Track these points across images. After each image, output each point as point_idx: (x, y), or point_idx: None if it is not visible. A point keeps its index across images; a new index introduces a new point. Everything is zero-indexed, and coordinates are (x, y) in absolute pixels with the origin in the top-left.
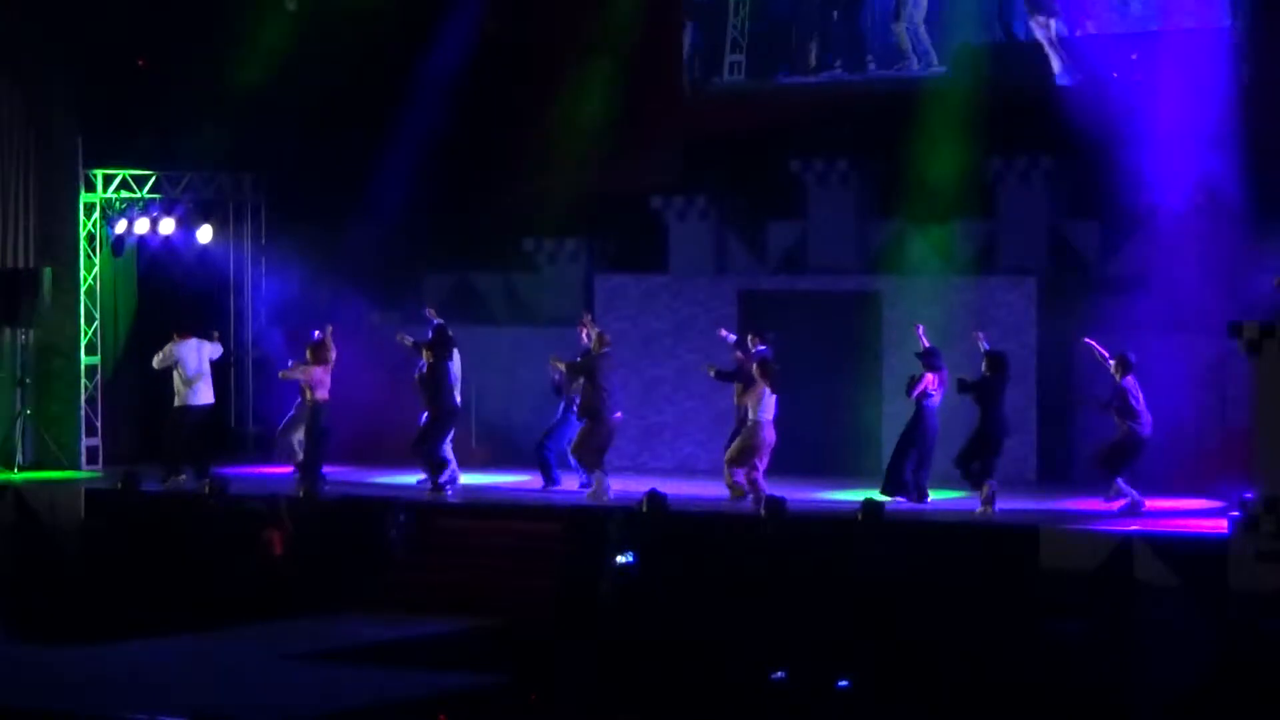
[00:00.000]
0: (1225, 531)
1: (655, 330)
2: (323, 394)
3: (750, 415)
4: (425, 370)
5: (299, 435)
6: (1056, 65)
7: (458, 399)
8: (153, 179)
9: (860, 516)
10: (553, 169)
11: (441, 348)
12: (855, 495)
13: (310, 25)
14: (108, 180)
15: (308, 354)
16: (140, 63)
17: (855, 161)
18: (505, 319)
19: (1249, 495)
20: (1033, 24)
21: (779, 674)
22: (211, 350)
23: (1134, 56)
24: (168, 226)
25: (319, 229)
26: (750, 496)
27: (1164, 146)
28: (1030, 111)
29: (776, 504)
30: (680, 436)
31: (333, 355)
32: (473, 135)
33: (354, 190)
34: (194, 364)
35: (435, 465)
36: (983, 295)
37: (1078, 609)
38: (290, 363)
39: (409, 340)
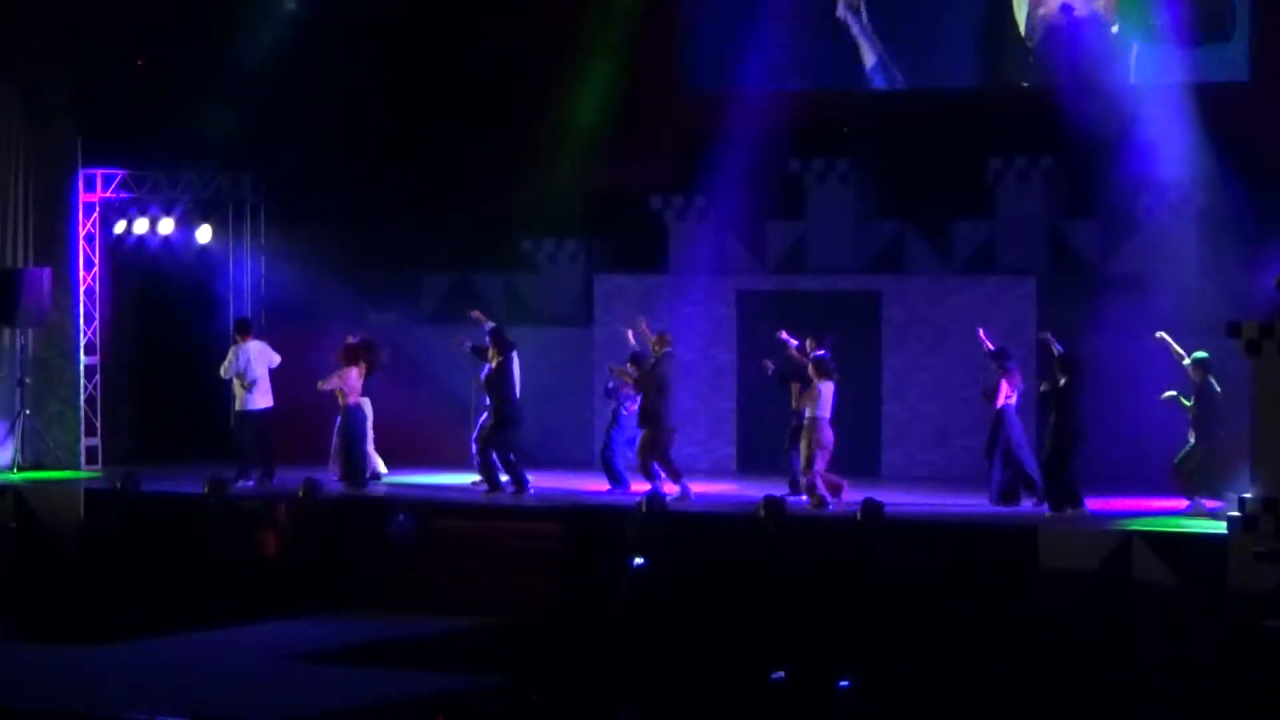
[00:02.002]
0: (1225, 531)
1: (655, 330)
2: (354, 398)
3: (810, 413)
4: (491, 371)
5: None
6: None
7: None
8: (152, 179)
9: (860, 516)
10: (553, 169)
11: (507, 348)
12: (854, 495)
13: (309, 25)
14: (107, 180)
15: (340, 358)
16: (140, 63)
17: (855, 161)
18: (505, 319)
19: (1249, 495)
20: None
21: (779, 674)
22: (271, 357)
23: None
24: (167, 226)
25: (319, 229)
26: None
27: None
28: (1030, 111)
29: (776, 504)
30: (680, 436)
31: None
32: (473, 135)
33: (354, 190)
34: (255, 367)
35: (505, 467)
36: (983, 295)
37: (1078, 609)
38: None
39: (468, 345)
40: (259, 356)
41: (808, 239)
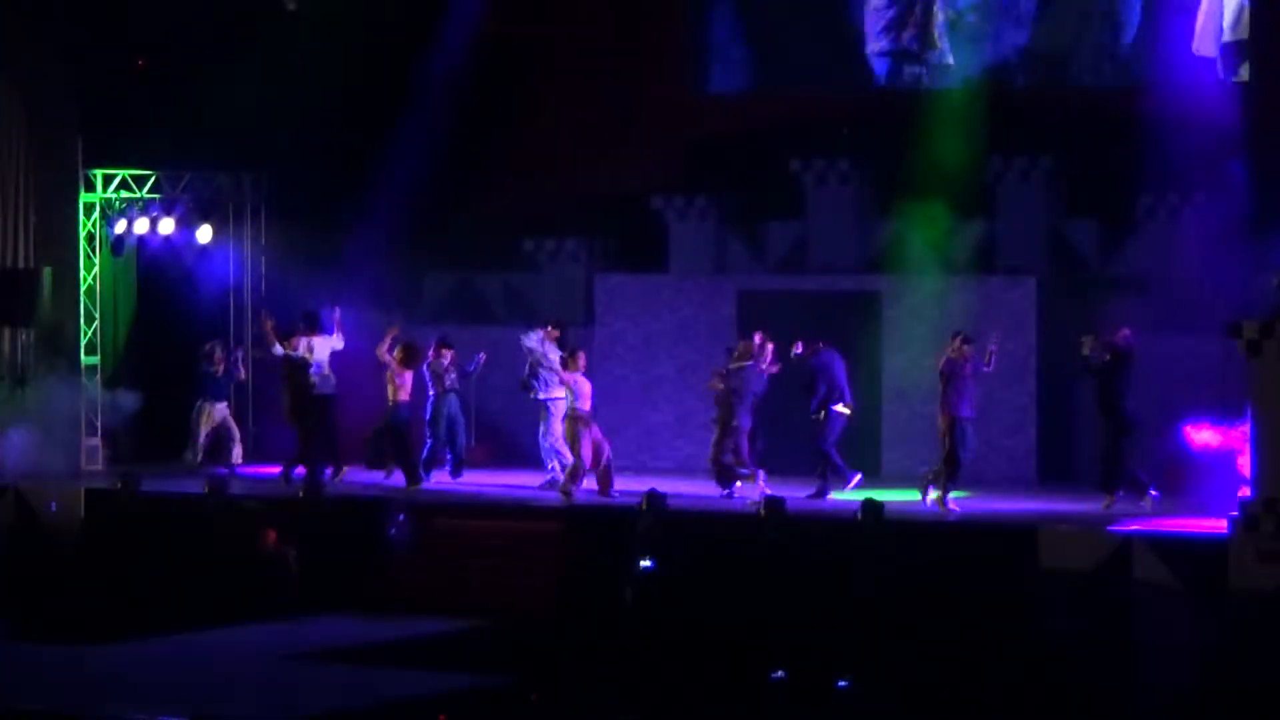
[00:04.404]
0: (1225, 531)
1: (655, 330)
2: (404, 395)
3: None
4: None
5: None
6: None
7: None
8: (153, 179)
9: (860, 516)
10: (553, 169)
11: None
12: (855, 495)
13: (310, 25)
14: (108, 180)
15: (397, 355)
16: (140, 63)
17: (855, 161)
18: (505, 319)
19: (1249, 495)
20: None
21: (779, 674)
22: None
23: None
24: (167, 226)
25: (319, 229)
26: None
27: (1166, 146)
28: (1030, 111)
29: (776, 504)
30: (680, 436)
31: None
32: (473, 135)
33: (354, 190)
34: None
35: None
36: (983, 295)
37: (1078, 609)
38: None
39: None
40: (323, 346)
41: (808, 239)
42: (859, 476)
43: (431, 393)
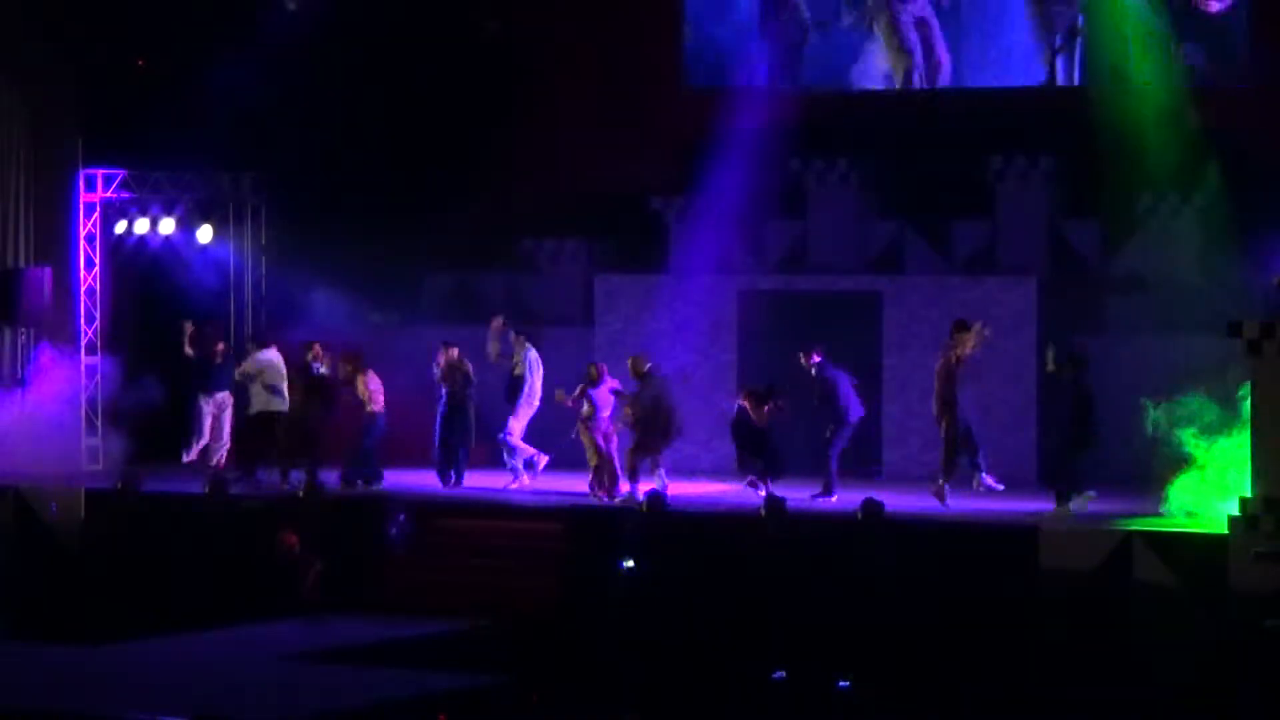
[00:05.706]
0: (1225, 531)
1: (655, 330)
2: (377, 405)
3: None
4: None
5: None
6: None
7: None
8: (153, 179)
9: (860, 516)
10: (553, 169)
11: None
12: (855, 495)
13: (310, 25)
14: (108, 180)
15: (342, 370)
16: (140, 63)
17: (855, 161)
18: (505, 319)
19: (1249, 495)
20: None
21: (779, 674)
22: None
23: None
24: (168, 226)
25: (319, 229)
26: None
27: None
28: (1030, 111)
29: (776, 504)
30: (679, 436)
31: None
32: (473, 135)
33: (354, 190)
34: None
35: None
36: (983, 295)
37: (1078, 609)
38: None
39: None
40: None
41: (808, 239)
42: (834, 498)
43: (444, 391)
